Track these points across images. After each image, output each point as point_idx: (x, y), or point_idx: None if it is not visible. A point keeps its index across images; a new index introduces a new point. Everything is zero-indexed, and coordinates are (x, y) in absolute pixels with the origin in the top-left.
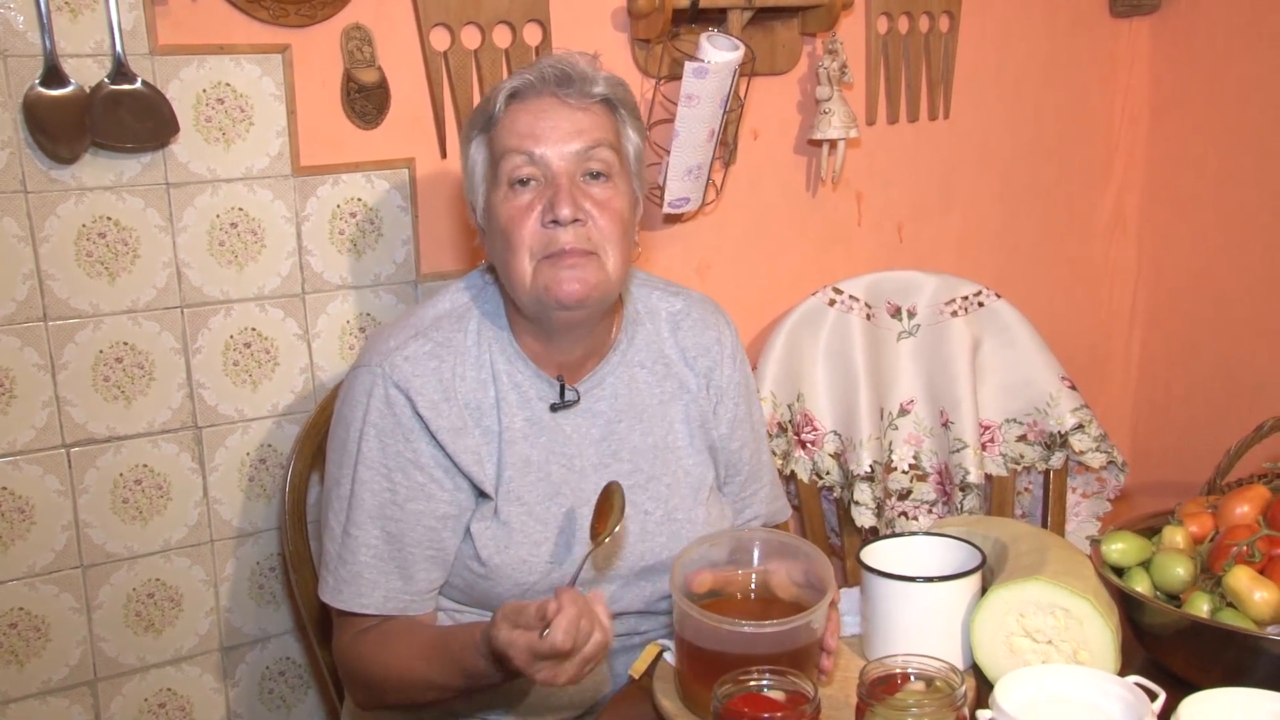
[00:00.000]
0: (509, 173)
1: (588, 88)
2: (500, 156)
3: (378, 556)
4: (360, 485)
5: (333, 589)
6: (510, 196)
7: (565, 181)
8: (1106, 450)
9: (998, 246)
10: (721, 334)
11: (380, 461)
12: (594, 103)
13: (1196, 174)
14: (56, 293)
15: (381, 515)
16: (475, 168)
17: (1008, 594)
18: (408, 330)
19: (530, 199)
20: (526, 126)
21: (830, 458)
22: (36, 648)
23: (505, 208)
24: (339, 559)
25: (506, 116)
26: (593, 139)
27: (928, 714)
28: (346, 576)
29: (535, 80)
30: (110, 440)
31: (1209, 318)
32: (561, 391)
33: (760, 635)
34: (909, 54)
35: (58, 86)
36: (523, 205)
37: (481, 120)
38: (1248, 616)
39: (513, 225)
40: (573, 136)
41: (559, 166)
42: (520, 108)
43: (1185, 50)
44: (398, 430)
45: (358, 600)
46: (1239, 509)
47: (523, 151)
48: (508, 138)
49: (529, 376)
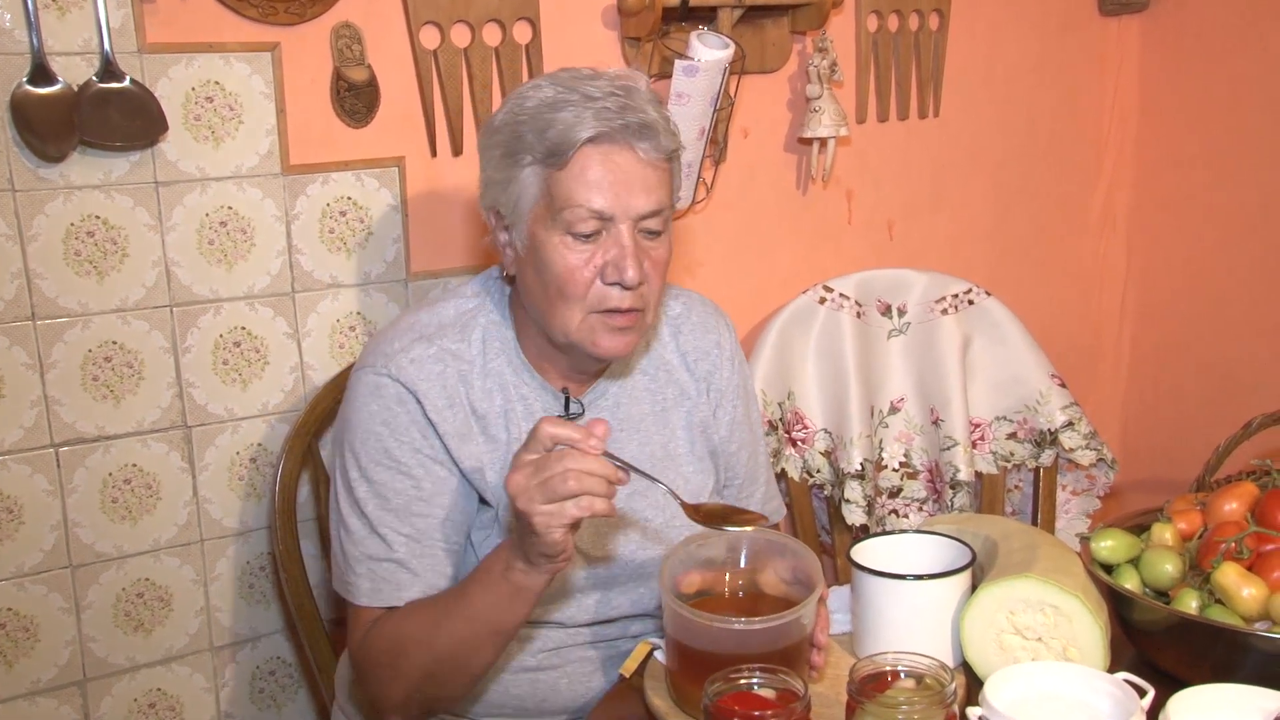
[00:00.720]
0: (571, 223)
1: (662, 142)
2: (564, 205)
3: (411, 553)
4: (382, 485)
5: (369, 591)
6: (568, 247)
7: (630, 244)
8: (1096, 448)
9: (988, 245)
10: (721, 337)
11: (400, 459)
12: (663, 160)
13: (1186, 172)
14: (45, 292)
15: (408, 512)
16: (523, 194)
17: (998, 591)
18: (410, 334)
19: (591, 253)
20: (601, 179)
21: (821, 456)
22: (25, 648)
23: (561, 256)
24: (369, 559)
25: (578, 159)
26: (659, 202)
27: (918, 711)
28: (383, 575)
29: (617, 130)
30: (99, 440)
31: (1198, 315)
32: (566, 404)
33: (750, 632)
34: (899, 52)
35: (45, 85)
36: (582, 260)
37: (541, 150)
38: (1236, 613)
39: (568, 276)
40: (643, 197)
41: (624, 226)
42: (598, 155)
43: (1174, 49)
44: (413, 427)
45: (397, 595)
46: (1227, 506)
47: (593, 208)
48: (577, 187)
49: (534, 389)
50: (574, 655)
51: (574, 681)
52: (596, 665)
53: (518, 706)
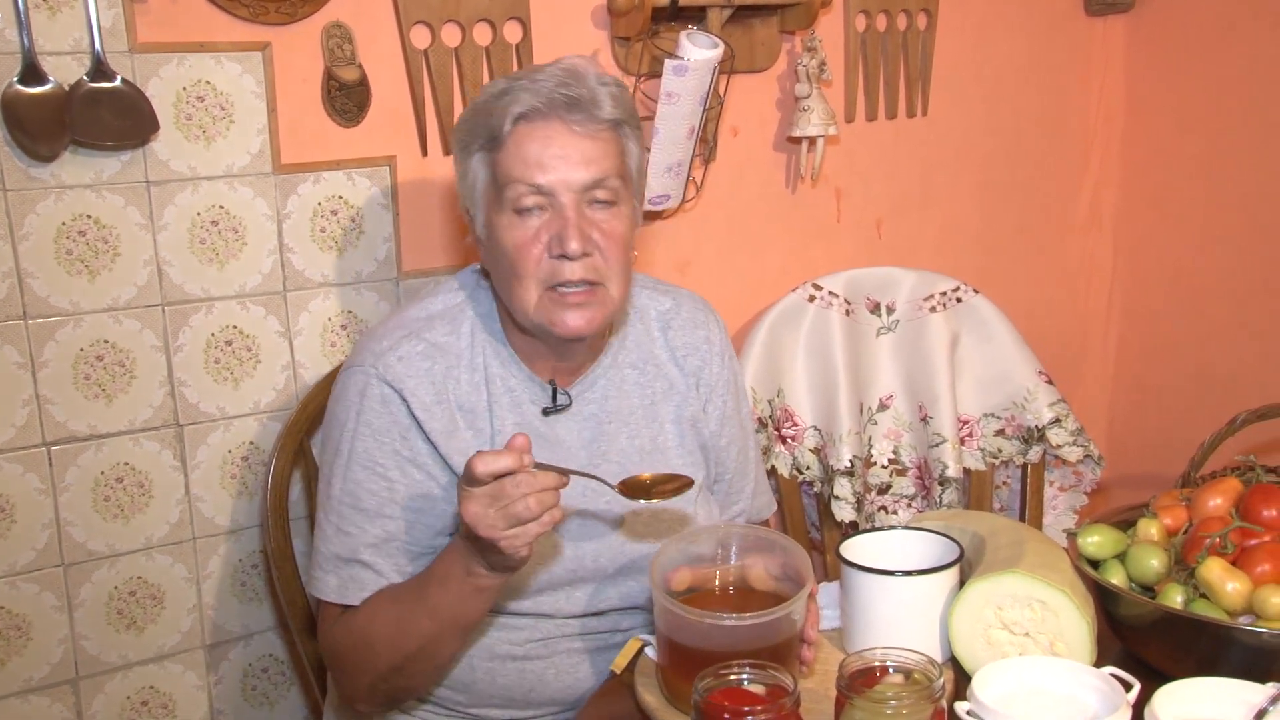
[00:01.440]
0: (514, 200)
1: (596, 112)
2: (505, 183)
3: (379, 554)
4: (357, 485)
5: (336, 588)
6: (514, 224)
7: (573, 214)
8: (1083, 444)
9: (976, 243)
10: (710, 332)
11: (377, 460)
12: (602, 129)
13: (1171, 170)
14: (36, 291)
15: (380, 514)
16: (476, 182)
17: (985, 587)
18: (400, 330)
19: (536, 228)
20: (534, 155)
21: (810, 453)
22: (18, 646)
23: (510, 234)
24: (337, 558)
25: (512, 140)
26: (601, 170)
27: (906, 706)
28: (350, 575)
29: (543, 105)
30: (91, 438)
31: (1184, 313)
32: (554, 396)
33: (741, 628)
34: (887, 52)
35: (36, 84)
36: (529, 235)
37: (484, 136)
38: (1220, 607)
39: (518, 254)
40: (581, 166)
41: (566, 198)
42: (527, 132)
43: (1160, 48)
44: (394, 429)
45: (360, 596)
46: (1212, 501)
47: (530, 183)
48: (513, 165)
49: (522, 380)
50: (561, 646)
51: (561, 673)
52: (584, 657)
53: (505, 697)
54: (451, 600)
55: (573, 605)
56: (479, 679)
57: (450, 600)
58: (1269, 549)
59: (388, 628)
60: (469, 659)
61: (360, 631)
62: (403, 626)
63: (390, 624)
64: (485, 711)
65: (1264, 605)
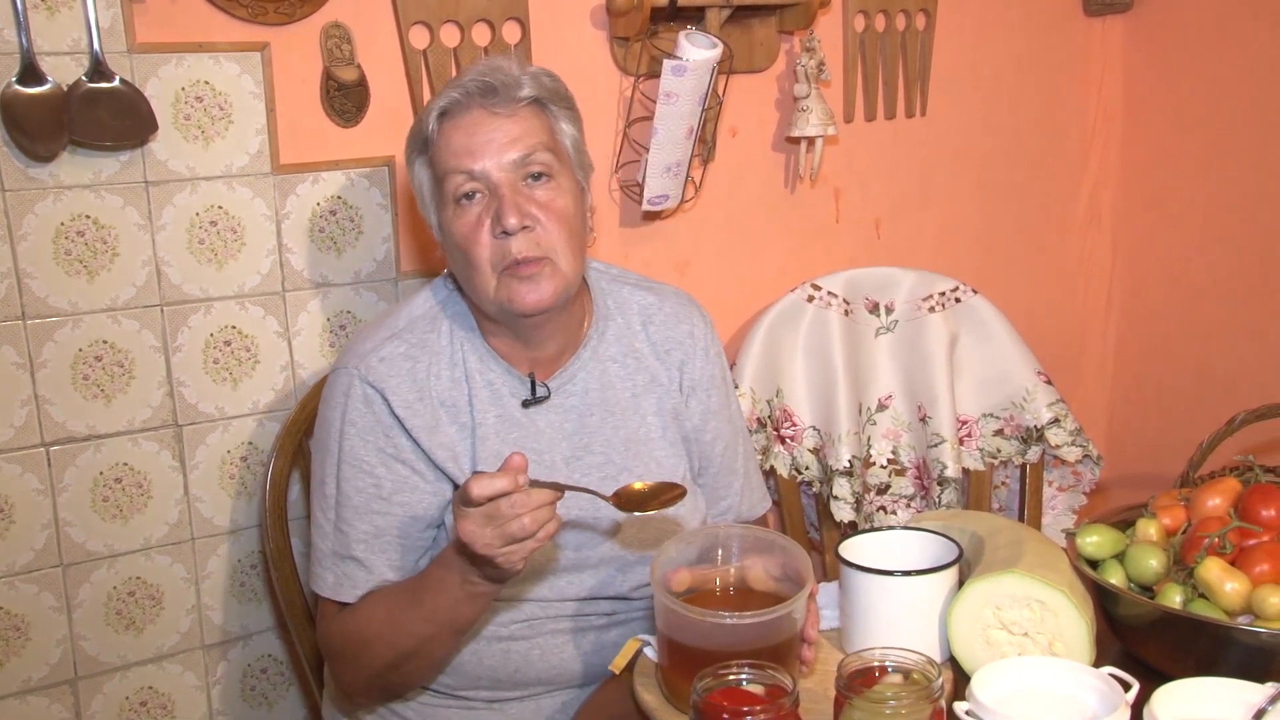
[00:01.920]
0: (452, 191)
1: (513, 93)
2: (442, 177)
3: (369, 550)
4: (345, 483)
5: (333, 585)
6: (459, 214)
7: (508, 191)
8: (1082, 444)
9: (974, 243)
10: (694, 327)
11: (363, 458)
12: (522, 107)
13: (1170, 170)
14: (35, 291)
15: (369, 510)
16: (422, 188)
17: (984, 587)
18: (383, 332)
19: (478, 213)
20: (461, 144)
21: (809, 453)
22: (16, 646)
23: (457, 225)
24: (333, 555)
25: (441, 136)
26: (527, 145)
27: (905, 706)
28: (344, 572)
29: (461, 97)
30: (90, 439)
31: (1183, 312)
32: (533, 388)
33: (742, 627)
34: (886, 52)
35: (35, 84)
36: (472, 221)
37: (419, 142)
38: (1219, 607)
39: (467, 242)
40: (507, 146)
41: (499, 177)
42: (452, 126)
43: (1159, 48)
44: (377, 427)
45: (354, 592)
46: (1211, 501)
47: (462, 170)
48: (445, 158)
49: (500, 374)
50: (547, 628)
51: (547, 653)
52: (570, 638)
53: (492, 678)
54: (447, 605)
55: (557, 594)
56: (464, 660)
57: (446, 605)
58: (1268, 549)
59: (384, 627)
60: None
61: (356, 630)
62: (398, 627)
63: (386, 624)
64: (473, 693)
65: (1263, 605)
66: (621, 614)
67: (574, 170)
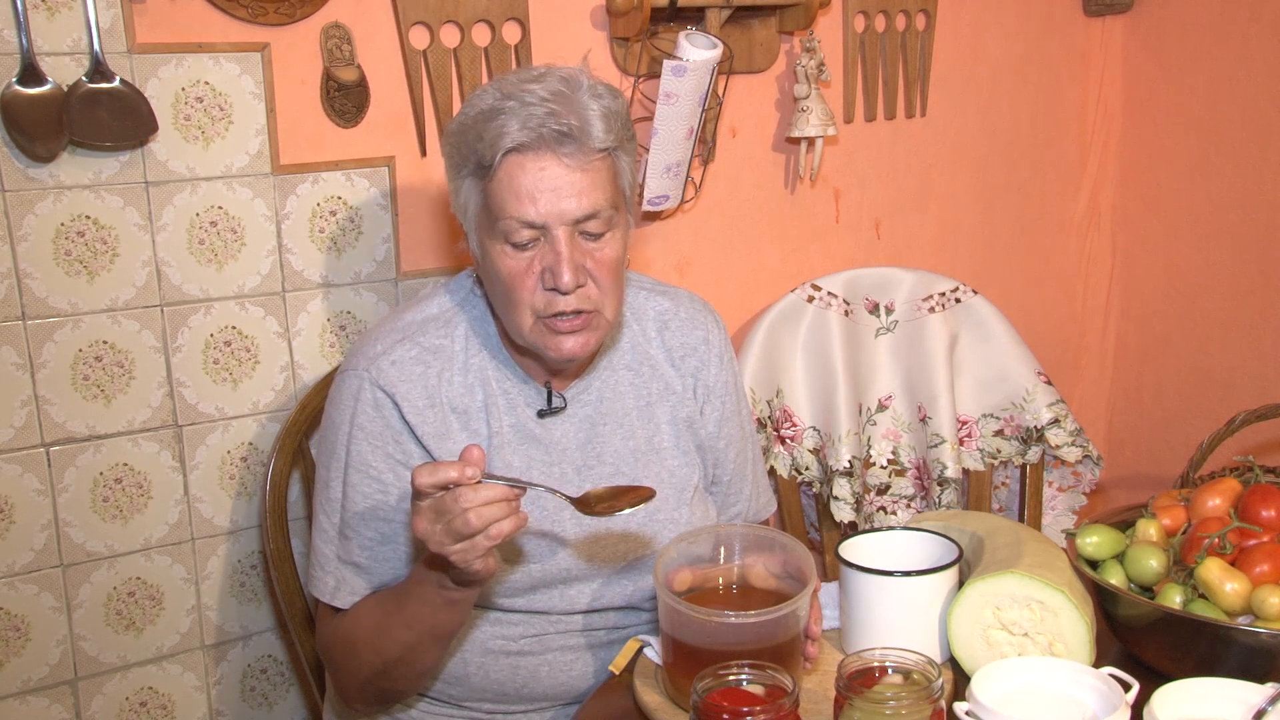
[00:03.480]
0: (506, 234)
1: (588, 143)
2: (498, 215)
3: (373, 557)
4: (351, 488)
5: (331, 589)
6: (508, 254)
7: (565, 249)
8: (1082, 444)
9: (974, 243)
10: (709, 333)
11: (371, 464)
12: (594, 159)
13: (1169, 171)
14: (35, 291)
15: (375, 516)
16: (468, 205)
17: (984, 587)
18: (394, 334)
19: (530, 258)
20: (526, 189)
21: (809, 453)
22: (16, 647)
23: (503, 264)
24: (336, 560)
25: (503, 171)
26: (593, 203)
27: (905, 706)
28: (342, 577)
29: (532, 141)
30: (90, 439)
31: (1182, 313)
32: (549, 398)
33: (745, 625)
34: (886, 52)
35: (35, 85)
36: (522, 266)
37: (473, 163)
38: (1219, 607)
39: (512, 284)
40: (573, 199)
41: (560, 232)
42: (519, 164)
43: (1158, 49)
44: (387, 433)
45: (352, 599)
46: (1211, 502)
47: (523, 219)
48: (506, 198)
49: (517, 384)
50: (556, 643)
51: (555, 669)
52: (579, 654)
53: (498, 692)
54: (427, 612)
55: (569, 603)
56: (471, 673)
57: (426, 612)
58: (1267, 549)
59: (370, 634)
60: (462, 653)
61: (345, 635)
62: (383, 634)
63: (372, 630)
64: (478, 705)
65: (1262, 605)
66: (631, 628)
67: (627, 210)
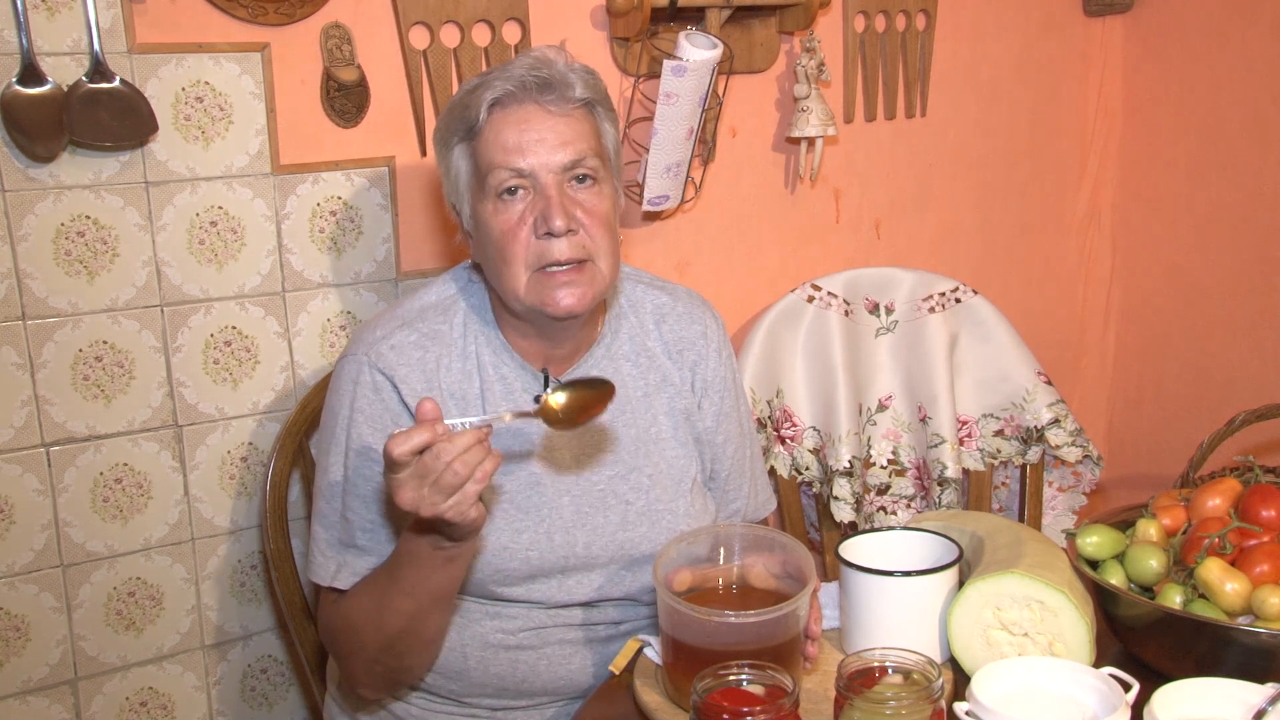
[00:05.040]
0: (497, 186)
1: (569, 92)
2: (487, 170)
3: (375, 539)
4: (353, 471)
5: (332, 573)
6: (500, 209)
7: (555, 193)
8: (1082, 444)
9: (974, 243)
10: (707, 328)
11: (371, 446)
12: (575, 108)
13: (1169, 171)
14: (35, 292)
15: (376, 498)
16: (459, 175)
17: (984, 587)
18: (394, 321)
19: (521, 210)
20: (513, 140)
21: (809, 453)
22: (16, 647)
23: (496, 220)
24: (338, 544)
25: (489, 127)
26: (579, 150)
27: (905, 706)
28: (344, 560)
29: (515, 89)
30: (90, 439)
31: (1182, 313)
32: (545, 383)
33: (746, 625)
34: (886, 52)
35: (35, 85)
36: (514, 218)
37: (462, 128)
38: (1219, 607)
39: (505, 239)
40: (559, 147)
41: (548, 179)
42: (503, 118)
43: (1158, 49)
44: (386, 415)
45: (353, 580)
46: (1211, 502)
47: (510, 167)
48: (493, 151)
49: (514, 369)
50: (555, 637)
51: (554, 664)
52: (578, 649)
53: (497, 686)
54: (425, 575)
55: (565, 594)
56: (471, 667)
57: (424, 575)
58: (1267, 549)
59: (370, 611)
60: (461, 647)
61: (345, 616)
62: (384, 608)
63: (371, 607)
64: (478, 700)
65: (1263, 605)
66: (629, 623)
67: (613, 174)
